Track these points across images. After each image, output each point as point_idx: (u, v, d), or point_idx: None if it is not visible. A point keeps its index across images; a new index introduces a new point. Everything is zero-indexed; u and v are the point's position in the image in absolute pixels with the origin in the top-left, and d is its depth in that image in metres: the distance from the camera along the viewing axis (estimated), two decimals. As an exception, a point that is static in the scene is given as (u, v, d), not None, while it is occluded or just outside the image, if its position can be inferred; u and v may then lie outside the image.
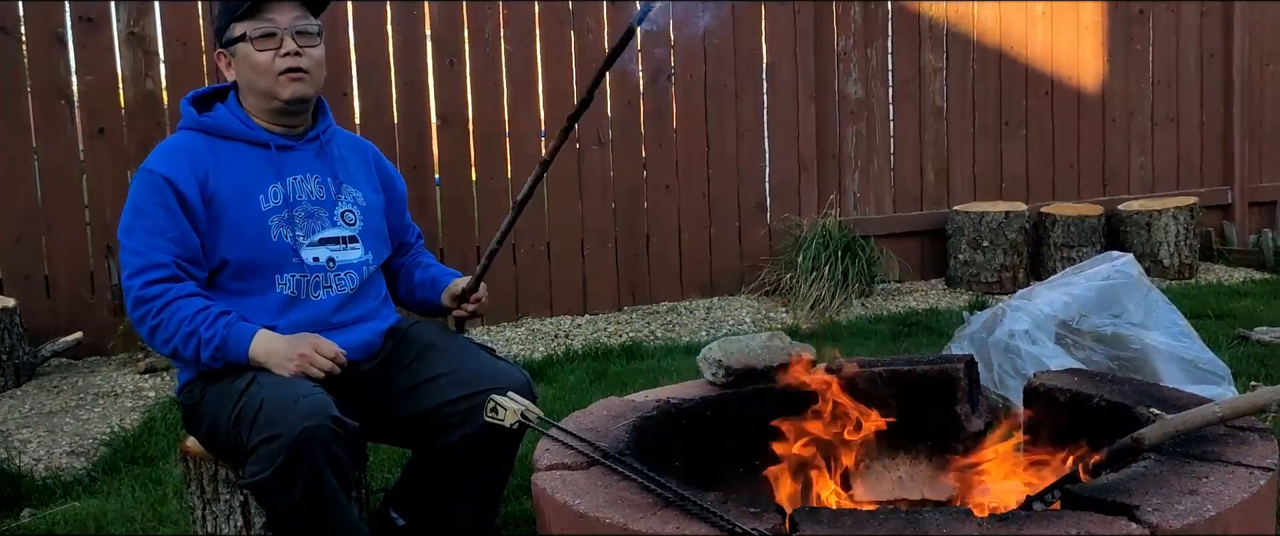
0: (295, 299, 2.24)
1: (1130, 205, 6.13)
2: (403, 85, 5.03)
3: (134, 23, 4.62)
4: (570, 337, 4.94)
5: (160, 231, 2.16)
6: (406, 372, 2.32)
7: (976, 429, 2.31)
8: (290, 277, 2.24)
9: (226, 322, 2.14)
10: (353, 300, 2.31)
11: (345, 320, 2.30)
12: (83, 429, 3.75)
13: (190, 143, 2.24)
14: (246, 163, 2.25)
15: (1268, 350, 4.13)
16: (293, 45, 2.22)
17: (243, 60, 2.24)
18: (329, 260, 2.28)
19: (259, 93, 2.26)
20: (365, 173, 2.44)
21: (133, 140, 4.65)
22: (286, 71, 2.22)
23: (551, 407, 3.46)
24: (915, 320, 5.04)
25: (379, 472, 3.05)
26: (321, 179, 2.32)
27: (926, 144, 6.07)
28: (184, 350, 2.14)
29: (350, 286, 2.31)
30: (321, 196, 2.30)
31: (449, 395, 2.23)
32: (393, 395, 2.30)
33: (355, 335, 2.29)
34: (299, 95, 2.26)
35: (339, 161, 2.37)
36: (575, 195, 5.34)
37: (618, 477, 1.75)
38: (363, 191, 2.39)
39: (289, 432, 1.96)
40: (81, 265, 4.63)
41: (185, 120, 2.29)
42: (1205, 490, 1.60)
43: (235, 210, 2.21)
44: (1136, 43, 6.43)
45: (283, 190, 2.26)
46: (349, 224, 2.33)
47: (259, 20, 2.21)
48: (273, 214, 2.23)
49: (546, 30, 5.23)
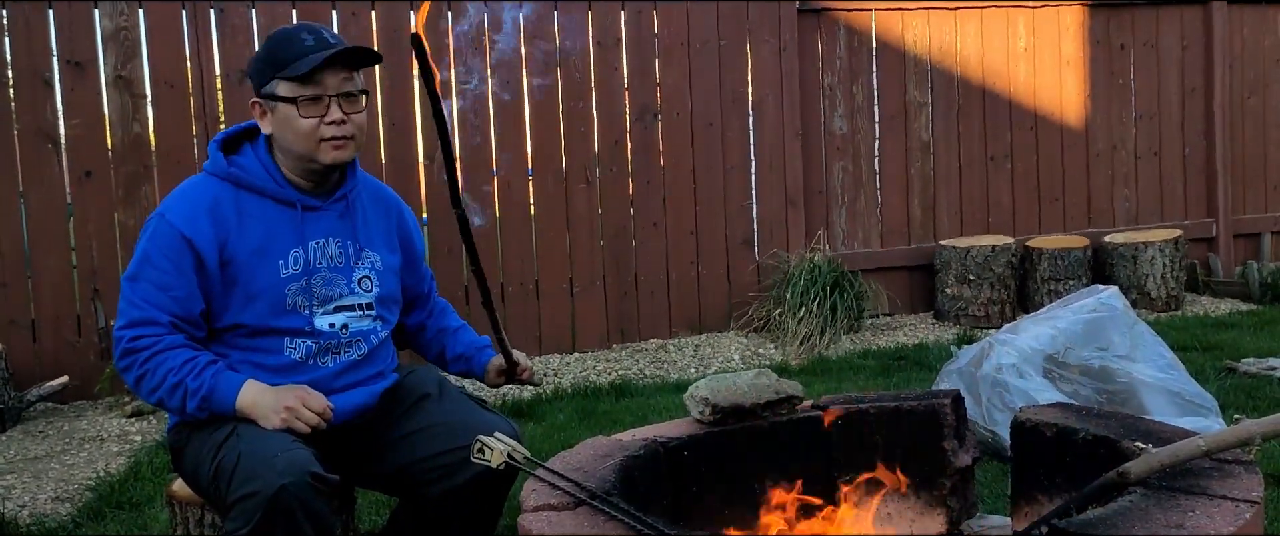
0: (302, 363, 2.22)
1: (1115, 238, 6.17)
2: (390, 126, 5.06)
3: (121, 66, 4.64)
4: (559, 376, 4.93)
5: (165, 287, 2.11)
6: (398, 422, 2.29)
7: (964, 464, 2.31)
8: (301, 343, 2.21)
9: (213, 372, 2.11)
10: (358, 367, 2.28)
11: (347, 384, 2.27)
12: (68, 474, 3.72)
13: (215, 194, 2.18)
14: (269, 223, 2.19)
15: (1255, 381, 4.15)
16: (339, 112, 2.16)
17: (284, 121, 2.16)
18: (343, 326, 2.25)
19: (298, 155, 2.19)
20: (385, 233, 2.38)
21: (120, 183, 4.65)
22: (331, 138, 2.17)
23: (539, 447, 3.45)
24: (904, 355, 5.04)
25: (367, 514, 3.02)
26: (342, 242, 2.27)
27: (913, 178, 6.11)
28: (170, 400, 2.12)
29: (358, 354, 2.28)
30: (340, 263, 2.26)
31: (432, 448, 2.21)
32: (380, 446, 2.28)
33: (353, 398, 2.26)
34: (341, 161, 2.20)
35: (361, 224, 2.31)
36: (563, 234, 5.35)
37: (604, 517, 1.74)
38: (381, 255, 2.34)
39: (267, 489, 1.94)
40: (68, 309, 4.62)
41: (213, 165, 2.22)
42: (1191, 524, 1.59)
43: (253, 274, 2.16)
44: (1118, 77, 6.50)
45: (303, 255, 2.21)
46: (365, 291, 2.28)
47: (307, 85, 2.14)
48: (291, 281, 2.19)
49: (532, 68, 5.27)
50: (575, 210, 5.37)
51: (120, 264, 4.52)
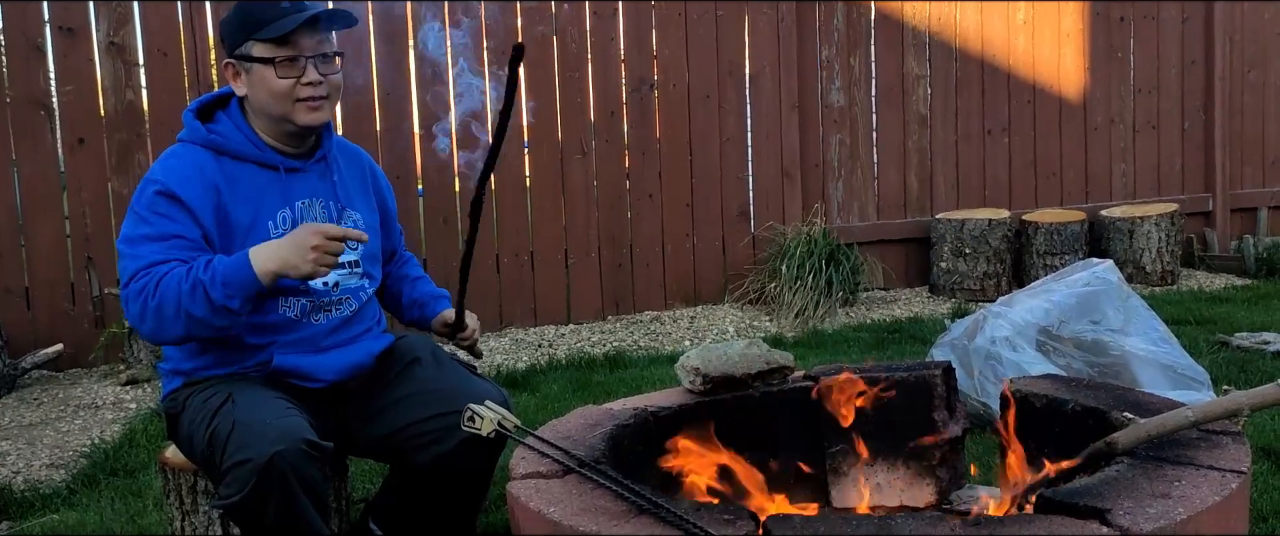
0: (296, 321, 2.22)
1: (1112, 212, 6.16)
2: (385, 95, 5.03)
3: (114, 32, 4.61)
4: (554, 347, 4.93)
5: (165, 237, 2.08)
6: (389, 387, 2.31)
7: (954, 435, 2.32)
8: (296, 302, 2.22)
9: (218, 260, 2.06)
10: (348, 324, 2.30)
11: (339, 341, 2.28)
12: (62, 441, 3.73)
13: (198, 160, 2.17)
14: (256, 186, 2.20)
15: (1247, 355, 4.16)
16: (315, 73, 2.17)
17: (260, 81, 2.17)
18: (334, 284, 2.26)
19: (273, 116, 2.20)
20: (363, 193, 2.40)
21: (113, 150, 4.63)
22: (307, 99, 2.18)
23: (533, 417, 3.46)
24: (898, 328, 5.05)
25: (361, 482, 3.03)
26: (325, 202, 2.28)
27: (910, 151, 6.09)
28: (195, 310, 2.02)
29: (349, 311, 2.29)
30: (326, 221, 2.27)
31: (422, 413, 2.22)
32: (372, 410, 2.29)
33: (346, 356, 2.27)
34: (318, 123, 2.21)
35: (340, 184, 2.33)
36: (558, 205, 5.34)
37: (592, 485, 1.74)
38: (362, 214, 2.36)
39: (260, 456, 1.94)
40: (62, 277, 4.61)
41: (190, 134, 2.21)
42: (1177, 493, 1.60)
43: (246, 236, 2.16)
44: (1118, 50, 6.47)
45: (291, 215, 2.22)
46: (351, 249, 2.29)
47: (284, 46, 2.15)
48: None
49: (528, 38, 5.24)
50: (571, 181, 5.35)
51: (114, 231, 4.51)
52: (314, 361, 2.23)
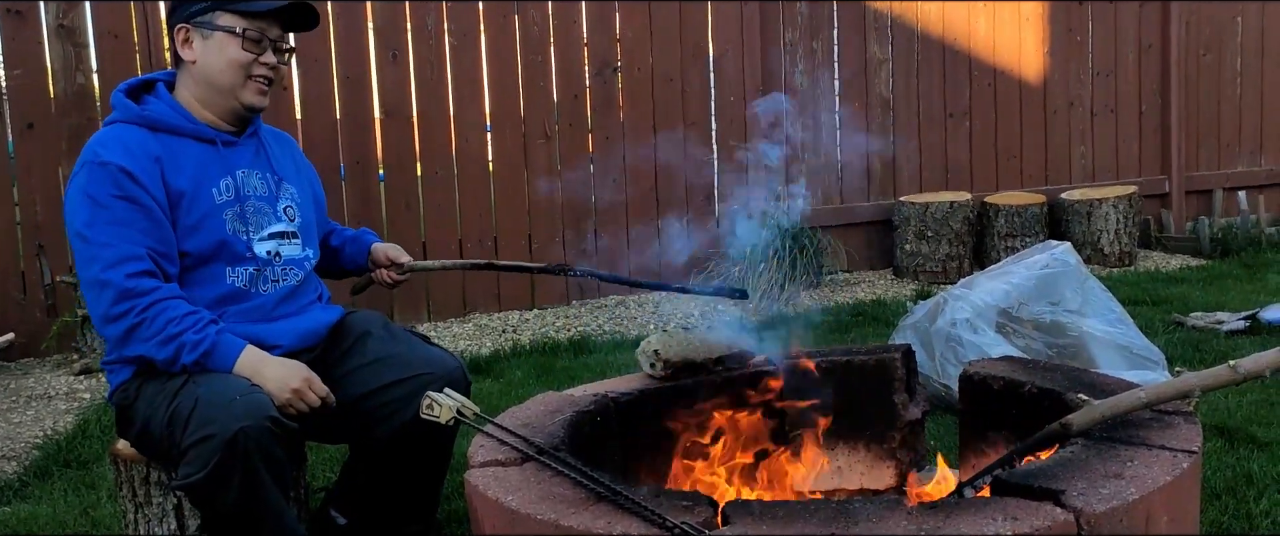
0: (245, 291, 2.21)
1: (1072, 195, 6.23)
2: (345, 79, 4.97)
3: (63, 15, 4.51)
4: (518, 332, 4.91)
5: (127, 222, 2.06)
6: (342, 359, 2.30)
7: (914, 417, 2.33)
8: (243, 270, 2.20)
9: (217, 330, 2.08)
10: (295, 294, 2.30)
11: (286, 312, 2.27)
12: (14, 432, 3.66)
13: (135, 135, 2.15)
14: (195, 156, 2.19)
15: (1202, 335, 4.22)
16: (272, 57, 2.22)
17: (219, 49, 2.17)
18: (276, 254, 2.26)
19: (219, 88, 2.20)
20: (294, 169, 2.43)
21: (64, 135, 4.54)
22: (259, 77, 2.20)
23: (495, 403, 3.44)
24: (863, 310, 5.08)
25: (320, 471, 3.00)
26: (263, 174, 2.29)
27: (873, 135, 6.11)
28: (159, 352, 2.05)
29: (294, 281, 2.29)
30: (265, 192, 2.28)
31: (381, 380, 2.22)
32: (328, 383, 2.27)
33: (298, 324, 2.26)
34: (260, 105, 2.25)
35: (274, 158, 2.35)
36: (522, 189, 5.31)
37: (551, 473, 1.73)
38: (297, 187, 2.38)
39: (224, 431, 1.92)
40: (12, 265, 4.52)
41: (122, 113, 2.18)
42: (1129, 474, 1.62)
43: (191, 204, 2.15)
44: (1076, 34, 6.52)
45: (233, 184, 2.22)
46: (290, 219, 2.31)
47: (254, 22, 2.18)
48: (227, 207, 2.19)
49: (490, 21, 5.19)
50: (534, 165, 5.32)
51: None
52: (267, 329, 2.21)
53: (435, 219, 5.18)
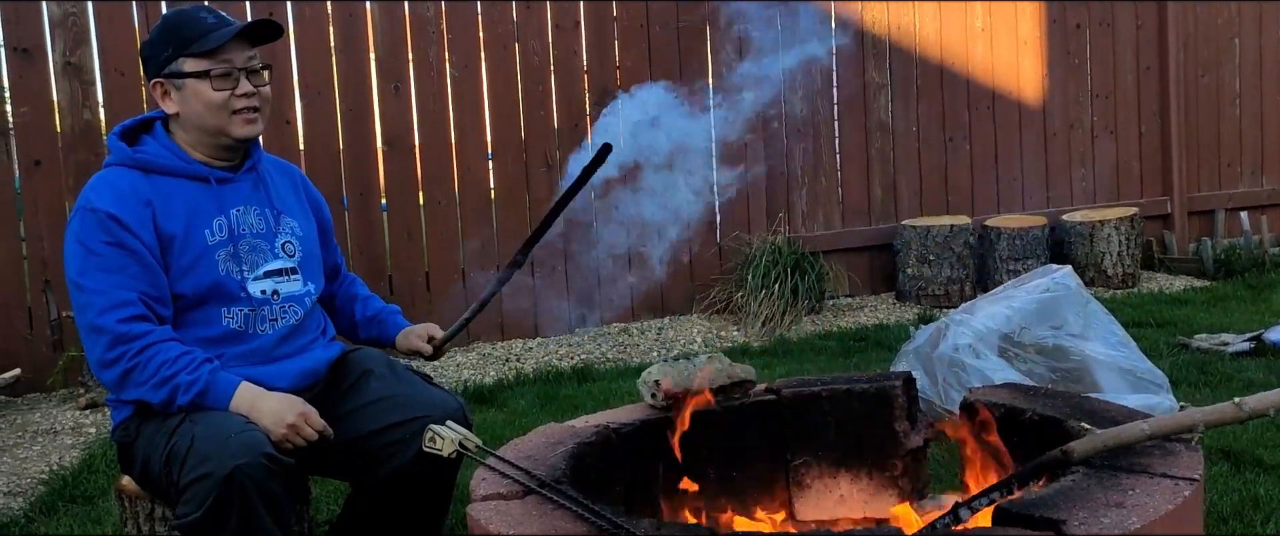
0: (242, 333, 2.21)
1: (1073, 216, 6.23)
2: (347, 111, 5.00)
3: (70, 53, 4.55)
4: (521, 361, 4.92)
5: (118, 269, 2.09)
6: (344, 397, 2.30)
7: (916, 445, 2.34)
8: (238, 311, 2.21)
9: (211, 369, 2.10)
10: (296, 332, 2.29)
11: (287, 352, 2.27)
12: (21, 468, 3.67)
13: (128, 179, 2.18)
14: (188, 197, 2.21)
15: (1206, 357, 4.21)
16: (248, 85, 2.21)
17: (194, 95, 2.19)
18: (273, 292, 2.26)
19: (208, 129, 2.22)
20: (298, 201, 2.43)
21: (70, 171, 4.57)
22: (242, 110, 2.20)
23: (499, 433, 3.44)
24: (864, 335, 5.07)
25: (325, 504, 3.01)
26: (261, 210, 2.29)
27: (872, 159, 6.13)
28: (154, 395, 2.08)
29: (294, 319, 2.29)
30: (262, 229, 2.28)
31: (383, 421, 2.22)
32: (329, 422, 2.27)
33: (297, 364, 2.27)
34: (253, 134, 2.25)
35: (274, 192, 2.35)
36: (524, 219, 5.33)
37: (553, 506, 1.74)
38: (298, 221, 2.38)
39: (221, 470, 1.93)
40: (19, 301, 4.54)
41: (116, 156, 2.22)
42: (1130, 503, 1.62)
43: (183, 247, 2.17)
44: (1074, 57, 6.55)
45: (226, 223, 2.23)
46: (289, 255, 2.31)
47: (216, 60, 2.17)
48: (219, 248, 2.20)
49: (491, 52, 5.23)
50: (536, 194, 5.34)
51: (72, 254, 4.44)
52: (265, 370, 2.21)
53: (438, 247, 5.20)
